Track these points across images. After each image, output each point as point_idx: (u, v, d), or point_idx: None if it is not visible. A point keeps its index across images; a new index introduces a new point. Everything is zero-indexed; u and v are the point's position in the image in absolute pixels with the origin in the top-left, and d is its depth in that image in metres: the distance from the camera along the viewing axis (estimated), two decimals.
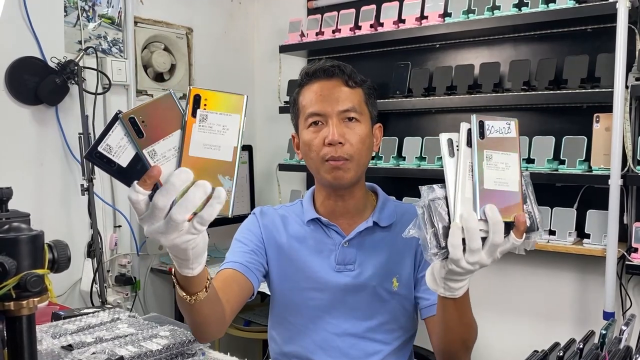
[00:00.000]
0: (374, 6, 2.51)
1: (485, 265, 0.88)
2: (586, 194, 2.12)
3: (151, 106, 0.78)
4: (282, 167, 2.80)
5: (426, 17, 2.34)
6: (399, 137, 2.48)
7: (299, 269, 1.33)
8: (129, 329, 1.26)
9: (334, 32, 2.60)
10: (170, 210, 0.78)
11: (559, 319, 2.25)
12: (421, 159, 2.38)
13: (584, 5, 1.97)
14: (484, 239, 0.86)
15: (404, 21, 2.39)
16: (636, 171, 1.91)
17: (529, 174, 0.92)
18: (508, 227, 0.87)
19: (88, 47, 2.45)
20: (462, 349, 1.13)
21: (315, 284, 1.31)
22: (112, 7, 2.58)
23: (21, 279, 0.66)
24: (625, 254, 1.93)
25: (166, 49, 2.83)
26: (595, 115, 2.02)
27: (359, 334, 1.30)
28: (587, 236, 2.05)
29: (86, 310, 1.40)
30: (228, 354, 1.24)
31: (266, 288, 1.41)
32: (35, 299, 0.68)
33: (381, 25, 2.46)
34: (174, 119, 0.78)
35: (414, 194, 2.36)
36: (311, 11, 2.88)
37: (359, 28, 2.53)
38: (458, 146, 0.89)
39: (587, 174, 1.99)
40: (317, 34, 2.65)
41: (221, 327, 1.17)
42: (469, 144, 0.89)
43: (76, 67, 2.33)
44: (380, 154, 2.48)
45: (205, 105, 0.78)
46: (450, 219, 0.87)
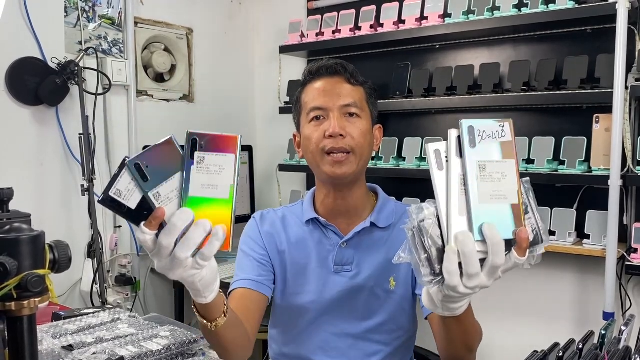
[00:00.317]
0: (374, 7, 2.52)
1: (486, 287, 0.79)
2: (586, 194, 2.12)
3: (154, 151, 0.84)
4: (282, 168, 2.80)
5: (426, 18, 2.34)
6: (399, 137, 2.48)
7: (298, 270, 1.33)
8: (129, 329, 1.26)
9: (334, 32, 2.60)
10: (174, 248, 0.82)
11: (558, 319, 2.25)
12: (421, 159, 2.38)
13: (583, 6, 1.97)
14: (482, 259, 0.77)
15: (404, 22, 2.39)
16: (636, 172, 1.91)
17: (528, 179, 0.83)
18: (509, 244, 0.77)
19: (88, 48, 2.46)
20: (467, 353, 1.13)
21: (314, 285, 1.31)
22: (113, 7, 2.58)
23: (22, 279, 0.66)
24: (625, 254, 1.93)
25: (166, 49, 2.83)
26: (595, 115, 2.02)
27: (358, 334, 1.30)
28: (587, 237, 2.05)
29: (86, 311, 1.41)
30: None
31: None
32: (36, 299, 0.68)
33: (381, 25, 2.46)
34: (175, 162, 0.84)
35: (414, 194, 2.36)
36: (311, 12, 2.88)
37: (359, 29, 2.53)
38: (447, 157, 0.78)
39: (587, 174, 1.99)
40: (317, 34, 2.65)
41: (247, 350, 1.19)
42: (460, 153, 0.78)
43: (76, 68, 2.33)
44: (380, 155, 2.48)
45: (202, 147, 0.83)
46: (444, 242, 0.77)
